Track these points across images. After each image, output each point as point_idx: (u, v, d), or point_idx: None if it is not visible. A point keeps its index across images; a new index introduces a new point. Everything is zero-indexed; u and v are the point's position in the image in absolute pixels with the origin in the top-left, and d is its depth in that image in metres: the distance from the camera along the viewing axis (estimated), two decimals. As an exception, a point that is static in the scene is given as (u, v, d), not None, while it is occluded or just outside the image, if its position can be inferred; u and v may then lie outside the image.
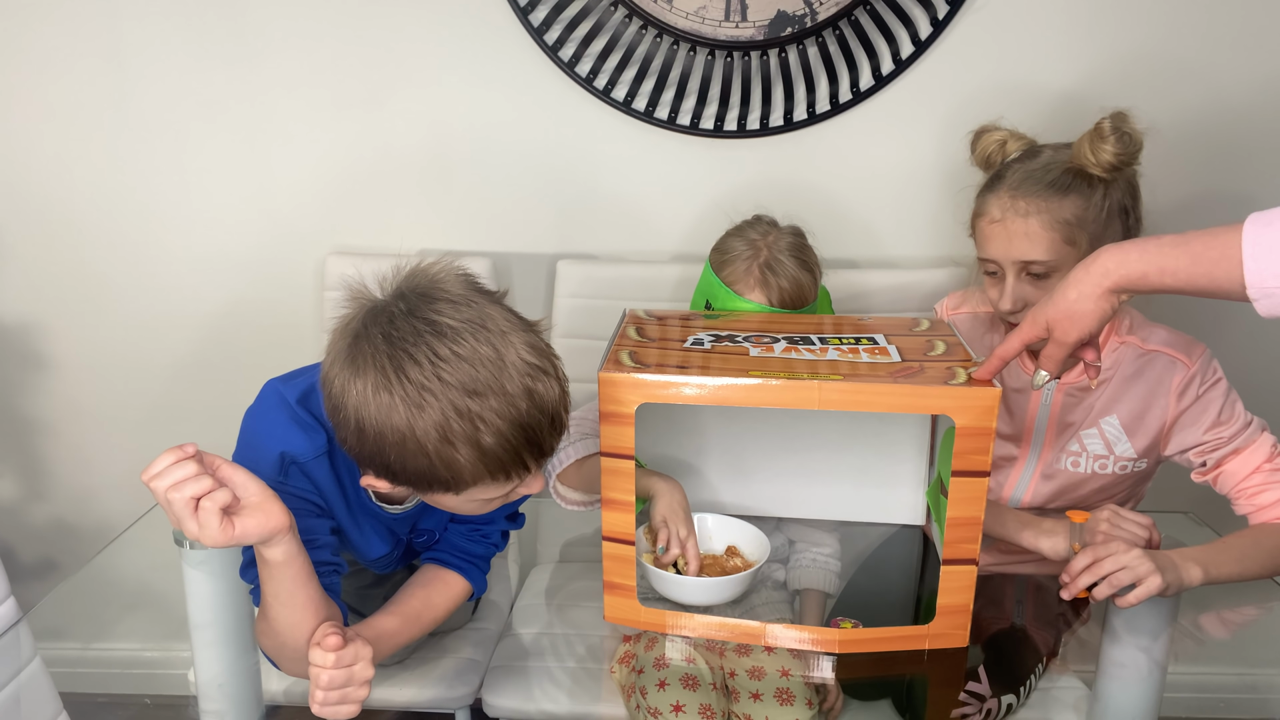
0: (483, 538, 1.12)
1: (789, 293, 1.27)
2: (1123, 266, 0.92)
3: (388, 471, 0.87)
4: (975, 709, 1.02)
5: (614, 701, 1.09)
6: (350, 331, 0.85)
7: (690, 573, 1.11)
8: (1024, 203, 1.16)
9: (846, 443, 1.24)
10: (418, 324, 0.83)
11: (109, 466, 1.90)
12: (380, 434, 0.83)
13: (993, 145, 1.24)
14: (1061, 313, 0.96)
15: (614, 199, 1.72)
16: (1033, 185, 1.16)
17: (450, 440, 0.82)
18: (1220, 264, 0.86)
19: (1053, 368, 0.99)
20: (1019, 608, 1.23)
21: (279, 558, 0.84)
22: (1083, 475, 1.28)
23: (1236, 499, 1.20)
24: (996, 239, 1.18)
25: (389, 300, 0.86)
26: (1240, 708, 1.14)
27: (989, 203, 1.20)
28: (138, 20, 1.64)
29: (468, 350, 0.82)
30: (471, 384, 0.82)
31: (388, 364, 0.82)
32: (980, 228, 1.21)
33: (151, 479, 0.77)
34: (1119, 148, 1.13)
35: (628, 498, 1.03)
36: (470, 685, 1.24)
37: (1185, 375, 1.22)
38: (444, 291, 0.86)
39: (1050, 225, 1.15)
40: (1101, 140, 1.13)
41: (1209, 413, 1.21)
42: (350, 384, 0.83)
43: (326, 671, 0.85)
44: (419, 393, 0.81)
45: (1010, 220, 1.16)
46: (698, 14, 1.58)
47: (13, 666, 1.08)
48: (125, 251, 1.77)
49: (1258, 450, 1.19)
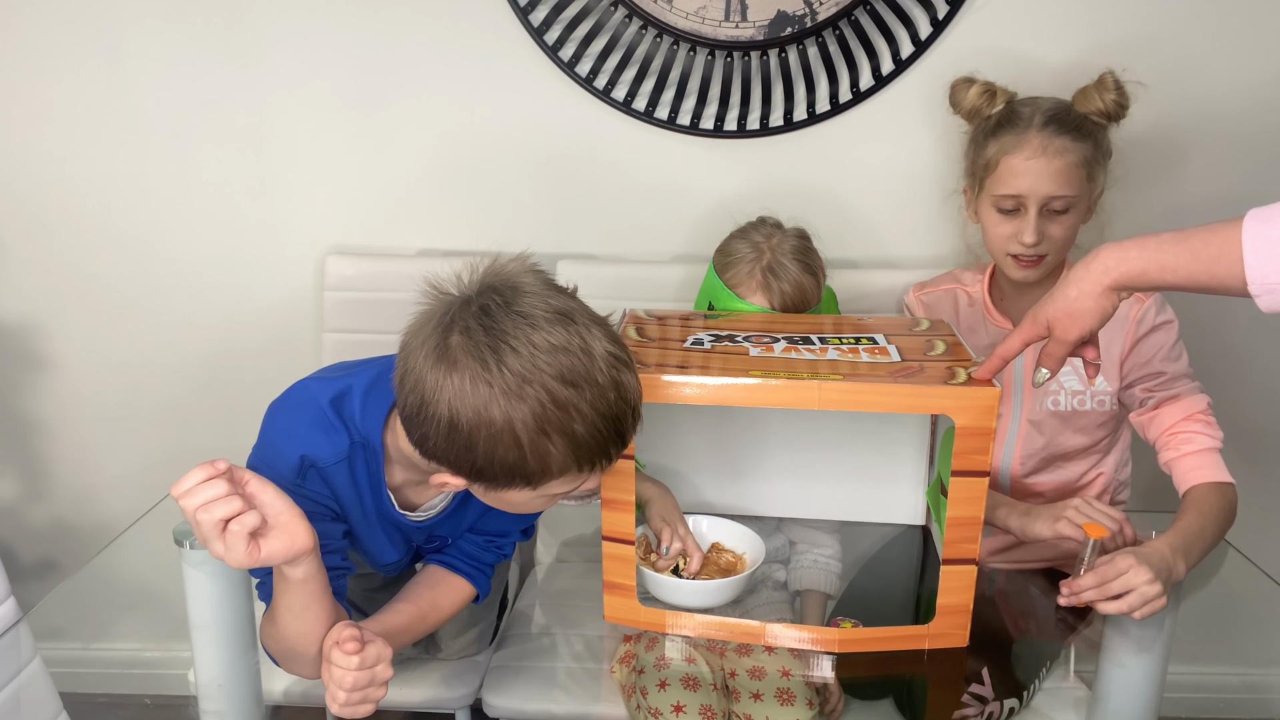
0: (496, 548, 1.12)
1: (791, 296, 1.27)
2: (1123, 264, 0.92)
3: (472, 468, 0.86)
4: (977, 711, 1.02)
5: (614, 701, 1.09)
6: (440, 326, 0.84)
7: (692, 567, 1.11)
8: (1059, 141, 1.25)
9: (846, 442, 1.24)
10: (515, 315, 0.83)
11: (109, 466, 1.90)
12: (474, 428, 0.82)
13: (981, 96, 1.34)
14: (1062, 311, 0.96)
15: (614, 199, 1.72)
16: (1063, 127, 1.26)
17: (545, 430, 0.82)
18: (1220, 260, 0.86)
19: (1054, 365, 0.99)
20: (1023, 609, 1.23)
21: (299, 575, 0.84)
22: (1064, 413, 1.34)
23: (1164, 445, 1.27)
24: (1029, 175, 1.26)
25: (478, 293, 0.86)
26: (1240, 708, 1.14)
27: (1017, 142, 1.27)
28: (138, 20, 1.64)
29: (560, 340, 0.82)
30: (568, 373, 0.82)
31: (488, 355, 0.81)
32: (1007, 164, 1.28)
33: (181, 495, 0.77)
34: (1119, 96, 1.28)
35: (628, 498, 1.04)
36: (470, 685, 1.24)
37: (1141, 307, 1.32)
38: (528, 285, 0.86)
39: (1080, 164, 1.26)
40: (1105, 90, 1.27)
41: (1163, 345, 1.31)
42: (446, 379, 0.82)
43: (351, 674, 0.85)
44: (519, 383, 0.81)
45: (1049, 157, 1.25)
46: (698, 14, 1.58)
47: (13, 666, 1.08)
48: (125, 251, 1.77)
49: (1192, 404, 1.28)
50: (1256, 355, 1.72)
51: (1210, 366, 1.47)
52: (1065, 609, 1.10)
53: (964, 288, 1.45)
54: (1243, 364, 1.72)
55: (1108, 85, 1.27)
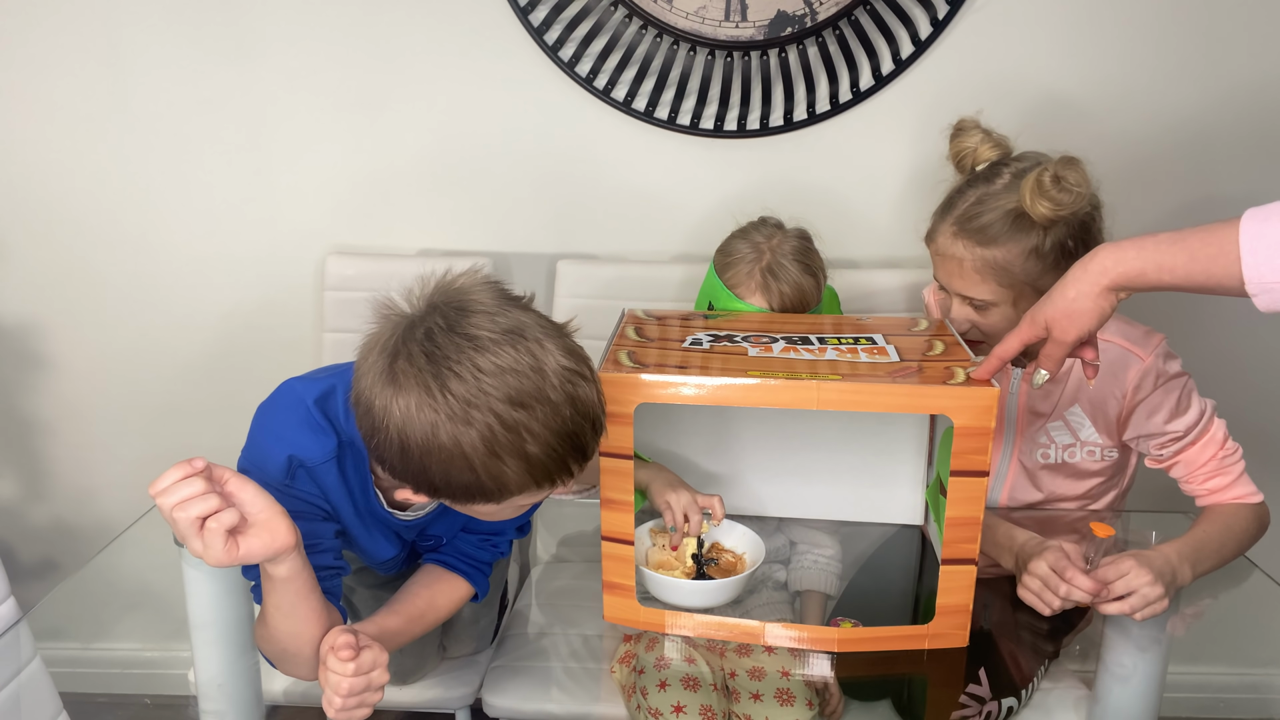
0: (492, 546, 1.12)
1: (790, 297, 1.27)
2: (1120, 264, 0.92)
3: (430, 487, 0.86)
4: (975, 711, 1.02)
5: (614, 701, 1.09)
6: (387, 350, 0.84)
7: (717, 514, 1.11)
8: (960, 244, 1.18)
9: (845, 443, 1.24)
10: (457, 338, 0.82)
11: (109, 466, 1.90)
12: (425, 451, 0.82)
13: (966, 151, 1.25)
14: (1060, 311, 0.96)
15: (614, 199, 1.72)
16: (971, 227, 1.17)
17: (497, 453, 0.82)
18: (1218, 260, 0.86)
19: (1052, 366, 0.99)
20: (1020, 607, 1.23)
21: (283, 574, 0.84)
22: (1055, 464, 1.31)
23: (1189, 484, 1.25)
24: (939, 268, 1.24)
25: (423, 314, 0.85)
26: (1240, 708, 1.14)
27: (937, 230, 1.23)
28: (138, 20, 1.64)
29: (508, 360, 0.81)
30: (516, 395, 0.81)
31: (431, 381, 0.81)
32: (934, 246, 1.24)
33: (158, 494, 0.77)
34: (1055, 202, 1.11)
35: (627, 497, 1.04)
36: (470, 685, 1.24)
37: (1140, 369, 1.23)
38: (477, 303, 0.85)
39: (983, 269, 1.17)
40: (1041, 194, 1.11)
41: (1165, 406, 1.23)
42: (393, 403, 0.82)
43: (347, 680, 0.85)
44: (464, 408, 0.80)
45: (947, 260, 1.21)
46: (698, 14, 1.58)
47: (13, 666, 1.08)
48: (125, 251, 1.78)
49: (1211, 441, 1.23)
50: (1255, 355, 1.72)
51: (1210, 367, 1.47)
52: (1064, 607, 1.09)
53: None
54: (1241, 364, 1.72)
55: (1044, 188, 1.11)
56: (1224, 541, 1.15)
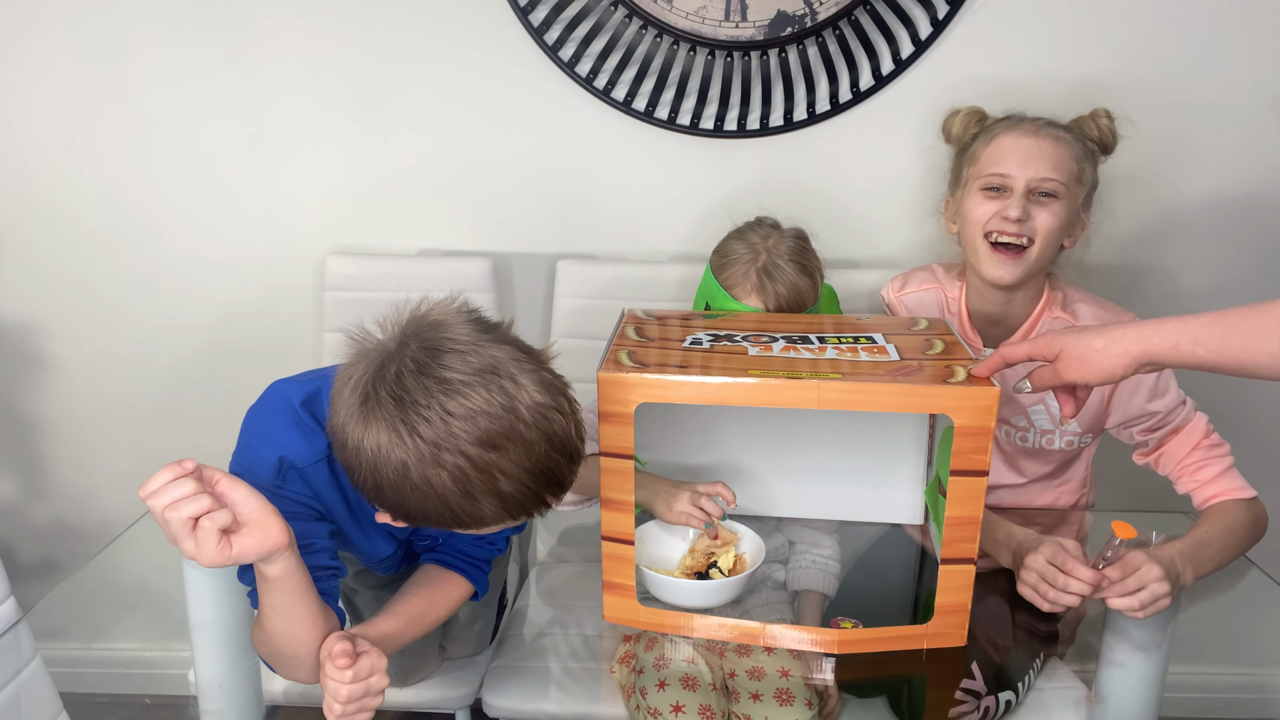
0: (488, 544, 1.12)
1: (786, 298, 1.27)
2: (1158, 332, 0.92)
3: (406, 515, 0.87)
4: (973, 706, 1.02)
5: (614, 701, 1.09)
6: (359, 390, 0.83)
7: (728, 497, 1.13)
8: (1056, 130, 1.26)
9: (845, 442, 1.24)
10: (427, 381, 0.81)
11: (109, 466, 1.90)
12: (399, 488, 0.82)
13: (969, 120, 1.35)
14: (1078, 352, 0.95)
15: (614, 199, 1.72)
16: (1050, 124, 1.28)
17: (470, 492, 0.82)
18: (1253, 334, 0.87)
19: (1039, 389, 1.00)
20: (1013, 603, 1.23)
21: (277, 574, 0.84)
22: (1031, 450, 1.34)
23: (1179, 478, 1.26)
24: (1018, 154, 1.25)
25: (394, 352, 0.83)
26: (1240, 708, 1.14)
27: (1010, 126, 1.28)
28: (138, 20, 1.64)
29: (479, 403, 0.80)
30: (487, 437, 0.80)
31: (400, 425, 0.80)
32: (998, 144, 1.27)
33: (149, 496, 0.77)
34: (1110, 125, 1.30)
35: (627, 498, 1.04)
36: (470, 685, 1.24)
37: None
38: (450, 341, 0.83)
39: (1071, 157, 1.25)
40: (1098, 118, 1.30)
41: (1145, 385, 1.27)
42: (364, 440, 0.82)
43: (345, 686, 0.86)
44: (434, 450, 0.80)
45: (1041, 140, 1.25)
46: (698, 14, 1.58)
47: (13, 666, 1.08)
48: (125, 251, 1.78)
49: (1194, 430, 1.26)
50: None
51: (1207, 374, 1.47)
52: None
53: (945, 291, 1.40)
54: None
55: (1100, 116, 1.31)
56: (1225, 543, 1.16)
